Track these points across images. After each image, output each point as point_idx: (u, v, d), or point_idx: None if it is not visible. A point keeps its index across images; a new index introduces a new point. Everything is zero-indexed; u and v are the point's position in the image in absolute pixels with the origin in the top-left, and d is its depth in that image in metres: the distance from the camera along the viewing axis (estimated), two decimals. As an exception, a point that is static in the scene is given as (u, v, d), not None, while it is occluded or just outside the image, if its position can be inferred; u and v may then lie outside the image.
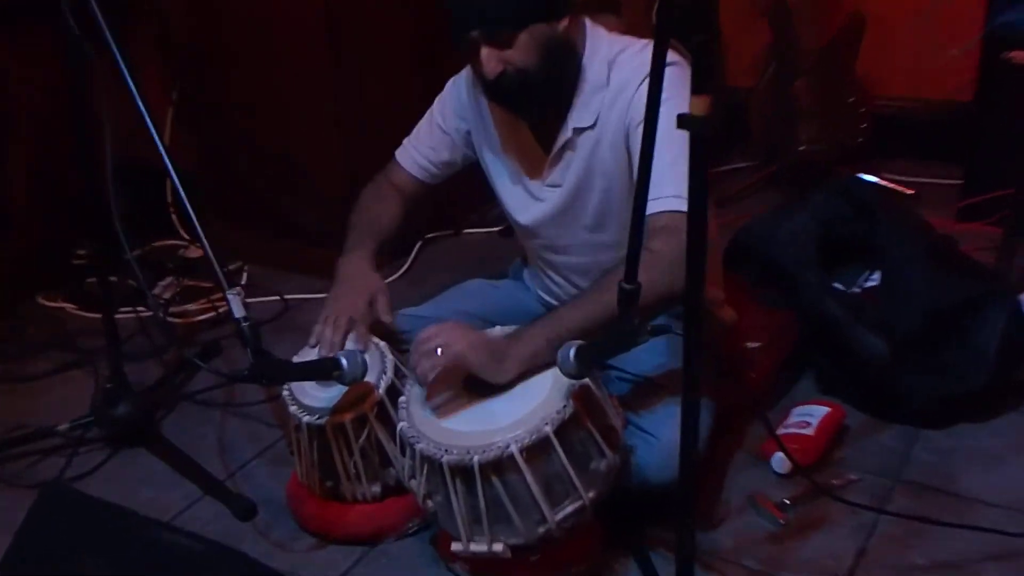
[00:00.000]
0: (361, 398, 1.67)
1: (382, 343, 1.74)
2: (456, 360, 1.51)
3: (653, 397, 1.64)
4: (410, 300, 1.97)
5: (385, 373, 1.70)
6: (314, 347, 1.72)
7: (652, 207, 1.45)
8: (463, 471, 1.47)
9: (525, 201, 1.76)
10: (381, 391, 1.67)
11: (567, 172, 1.70)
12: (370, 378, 1.66)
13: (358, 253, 1.79)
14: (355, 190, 1.94)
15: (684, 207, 1.13)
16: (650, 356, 1.63)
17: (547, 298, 1.91)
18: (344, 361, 1.59)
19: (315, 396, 1.71)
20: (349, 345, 1.70)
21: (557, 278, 1.86)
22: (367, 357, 1.65)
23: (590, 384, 1.51)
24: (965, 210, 2.64)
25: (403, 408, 1.59)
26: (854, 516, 1.74)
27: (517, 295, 1.97)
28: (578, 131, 1.66)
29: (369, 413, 1.67)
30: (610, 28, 1.68)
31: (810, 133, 2.84)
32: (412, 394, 1.59)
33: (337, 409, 1.68)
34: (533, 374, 1.53)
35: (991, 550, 1.63)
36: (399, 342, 1.77)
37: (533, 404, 1.49)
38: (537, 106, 1.63)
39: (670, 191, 1.44)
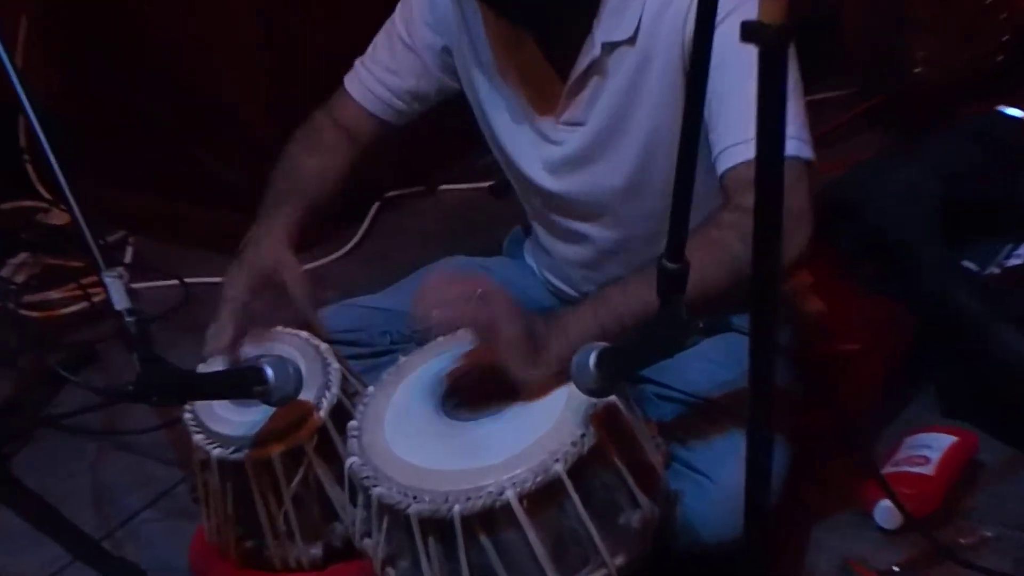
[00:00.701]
0: (295, 424, 1.68)
1: (324, 346, 1.75)
2: (491, 335, 1.50)
3: (708, 424, 1.65)
4: (363, 286, 2.01)
5: (329, 389, 1.71)
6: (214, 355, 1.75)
7: (730, 157, 1.50)
8: (439, 526, 1.48)
9: (532, 146, 1.78)
10: (323, 414, 1.68)
11: (593, 106, 1.71)
12: (307, 395, 1.66)
13: (268, 221, 1.80)
14: (289, 134, 1.97)
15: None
16: (703, 366, 1.66)
17: (560, 285, 1.92)
18: (269, 372, 1.58)
19: (230, 421, 1.72)
20: (250, 351, 1.71)
21: (573, 257, 1.88)
22: (303, 366, 1.65)
23: (618, 404, 1.52)
24: None
25: (354, 437, 1.58)
26: (989, 588, 1.75)
27: (515, 279, 1.97)
28: (609, 47, 1.68)
29: (306, 444, 1.69)
30: None
31: (928, 50, 2.86)
32: (368, 413, 1.60)
33: (261, 439, 1.69)
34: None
35: None
36: (344, 346, 1.81)
37: (539, 432, 1.49)
38: (549, 10, 1.64)
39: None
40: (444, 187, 3.10)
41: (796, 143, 1.49)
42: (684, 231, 1.23)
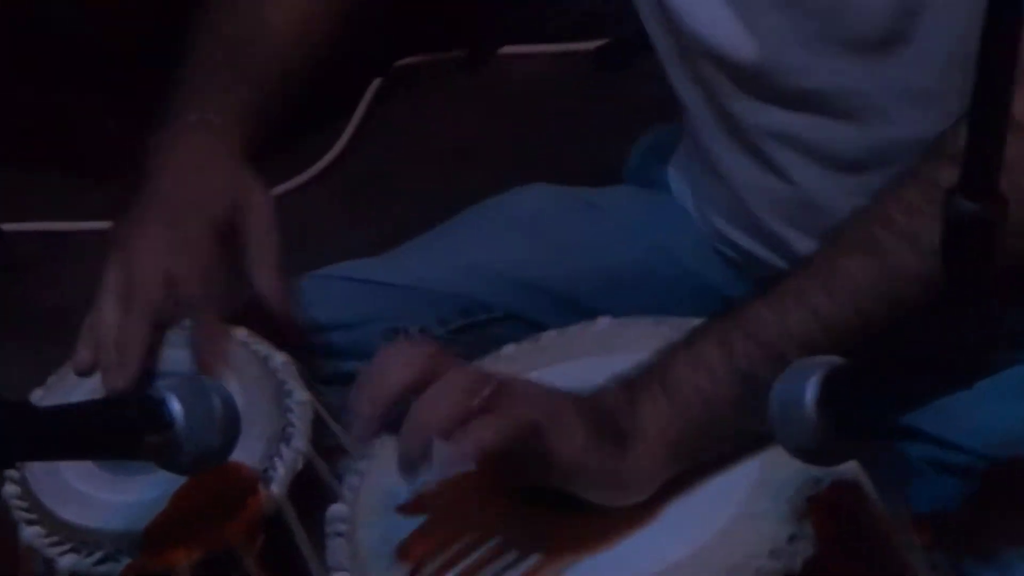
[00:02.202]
0: (222, 508, 1.29)
1: (279, 358, 1.35)
2: (521, 436, 1.12)
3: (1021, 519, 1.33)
4: (356, 241, 1.74)
5: (287, 442, 1.29)
6: (87, 374, 1.39)
7: None
8: None
9: None
10: (276, 488, 1.27)
11: None
12: (245, 454, 1.25)
13: (202, 117, 1.46)
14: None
15: None
16: (1003, 408, 1.33)
17: (741, 239, 1.51)
18: (176, 408, 1.16)
19: (94, 502, 1.32)
20: (175, 358, 1.37)
21: (776, 187, 1.49)
22: (239, 397, 1.25)
23: (861, 481, 1.19)
24: None
25: (339, 536, 1.19)
26: None
27: (649, 228, 1.58)
28: None
29: (242, 548, 1.26)
30: None
31: None
32: (369, 488, 1.24)
33: (155, 539, 1.28)
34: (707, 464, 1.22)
35: None
36: (319, 357, 1.47)
37: (713, 528, 1.15)
38: None
39: None
40: (508, 50, 2.48)
41: None
42: (996, 139, 0.90)
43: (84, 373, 1.36)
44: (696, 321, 1.20)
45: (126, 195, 1.45)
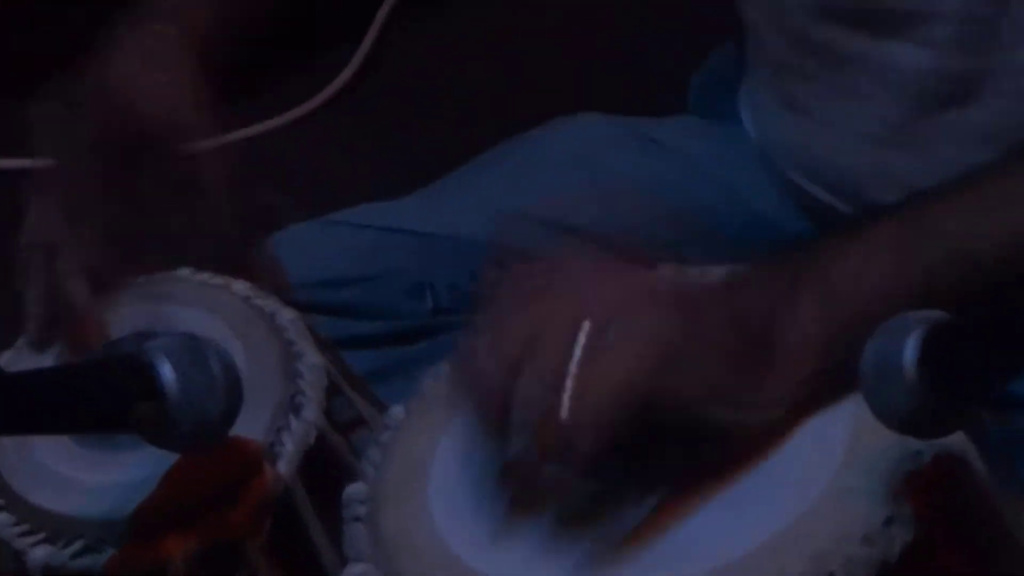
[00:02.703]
0: (222, 490, 1.19)
1: (288, 314, 1.27)
2: (637, 400, 0.99)
3: None
4: (372, 187, 1.58)
5: (297, 412, 1.20)
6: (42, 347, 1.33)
7: None
8: None
9: None
10: (283, 467, 1.18)
11: None
12: (249, 427, 1.14)
13: (156, 27, 1.36)
14: None
15: None
16: None
17: (814, 187, 1.41)
18: (167, 372, 1.07)
19: (70, 484, 1.24)
20: (125, 322, 1.29)
21: (865, 121, 1.39)
22: (242, 359, 1.17)
23: (969, 457, 1.08)
24: None
25: (357, 520, 1.10)
26: None
27: (714, 164, 1.50)
28: None
29: (247, 537, 1.17)
30: None
31: None
32: (392, 468, 1.15)
33: (143, 526, 1.18)
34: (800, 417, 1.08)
35: None
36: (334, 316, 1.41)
37: (782, 519, 1.02)
38: None
39: None
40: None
41: None
42: None
43: (40, 346, 1.28)
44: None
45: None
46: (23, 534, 1.14)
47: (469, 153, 1.50)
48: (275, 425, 1.15)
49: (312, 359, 1.19)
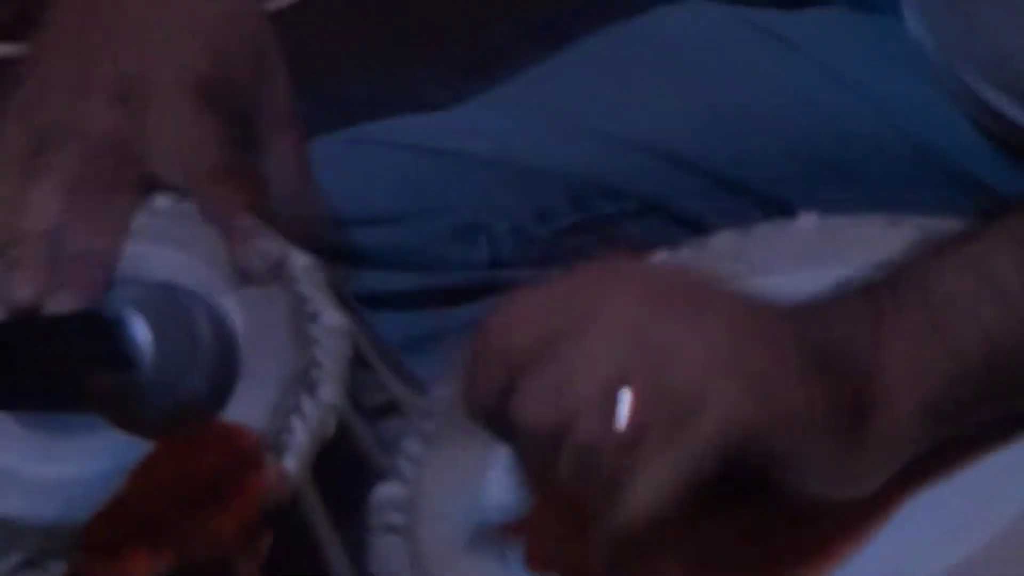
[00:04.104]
0: (211, 490, 1.03)
1: (301, 259, 1.05)
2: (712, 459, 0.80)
3: None
4: (403, 89, 1.47)
5: (313, 389, 1.00)
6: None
7: None
8: None
9: None
10: (292, 463, 0.99)
11: None
12: (248, 407, 1.00)
13: None
14: None
15: None
16: None
17: (995, 98, 1.18)
18: (141, 332, 0.93)
19: (14, 477, 1.09)
20: (141, 257, 1.08)
21: None
22: (239, 318, 1.02)
23: None
24: None
25: (392, 533, 0.96)
26: None
27: (870, 75, 1.25)
28: None
29: (239, 552, 1.00)
30: None
31: None
32: (435, 466, 1.00)
33: (104, 533, 1.03)
34: None
35: None
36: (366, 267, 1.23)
37: (979, 534, 0.85)
38: None
39: None
40: None
41: None
42: None
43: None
44: (953, 223, 0.88)
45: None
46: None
47: (538, 50, 1.30)
48: (282, 407, 0.96)
49: (332, 320, 0.99)
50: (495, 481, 0.92)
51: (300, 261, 1.01)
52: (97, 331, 0.91)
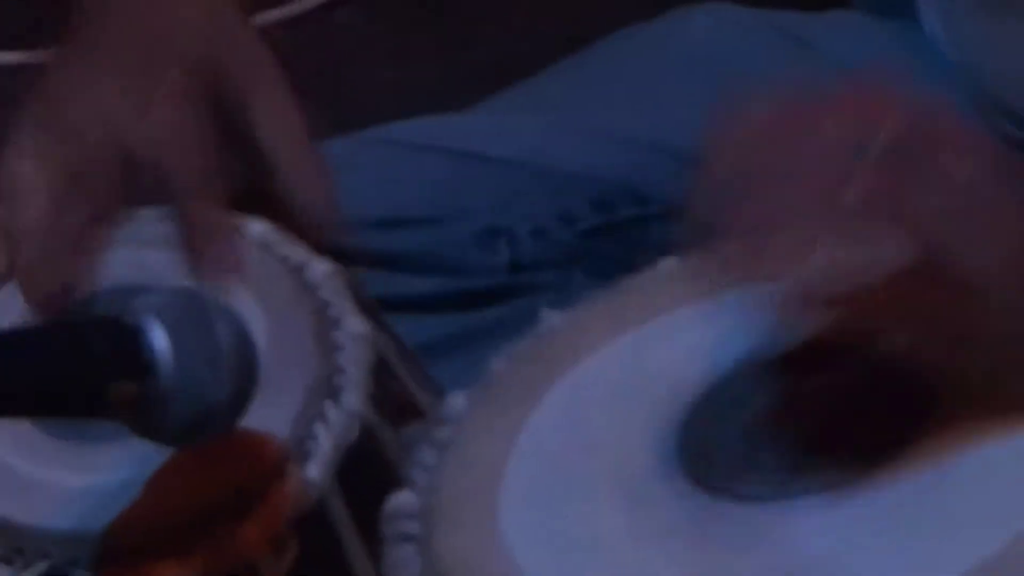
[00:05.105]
0: (235, 500, 1.01)
1: (321, 265, 1.08)
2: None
3: None
4: (422, 93, 1.47)
5: (336, 397, 1.02)
6: None
7: None
8: None
9: None
10: (316, 472, 1.01)
11: None
12: (271, 415, 0.99)
13: None
14: None
15: None
16: None
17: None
18: (161, 340, 0.90)
19: (34, 485, 1.08)
20: (156, 264, 1.11)
21: None
22: (263, 325, 1.01)
23: None
24: None
25: (408, 541, 0.95)
26: None
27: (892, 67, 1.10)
28: None
29: (264, 562, 0.98)
30: None
31: None
32: (453, 470, 0.98)
33: (124, 544, 1.01)
34: None
35: None
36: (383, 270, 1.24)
37: None
38: None
39: None
40: None
41: None
42: None
43: None
44: None
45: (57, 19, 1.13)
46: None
47: (560, 52, 1.29)
48: (305, 414, 0.97)
49: (355, 326, 1.00)
50: (510, 491, 0.90)
51: (321, 268, 1.02)
52: (117, 338, 0.87)
